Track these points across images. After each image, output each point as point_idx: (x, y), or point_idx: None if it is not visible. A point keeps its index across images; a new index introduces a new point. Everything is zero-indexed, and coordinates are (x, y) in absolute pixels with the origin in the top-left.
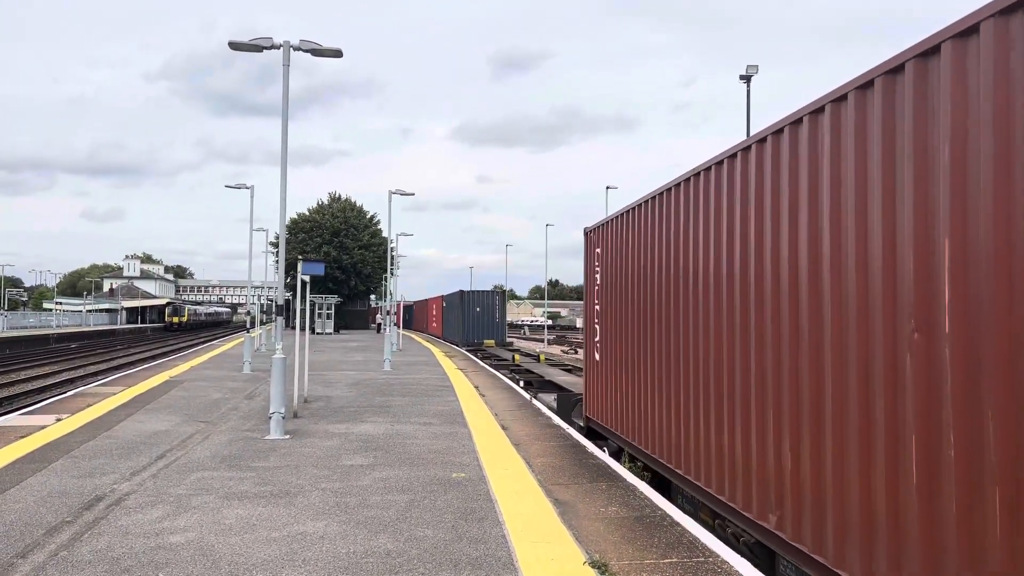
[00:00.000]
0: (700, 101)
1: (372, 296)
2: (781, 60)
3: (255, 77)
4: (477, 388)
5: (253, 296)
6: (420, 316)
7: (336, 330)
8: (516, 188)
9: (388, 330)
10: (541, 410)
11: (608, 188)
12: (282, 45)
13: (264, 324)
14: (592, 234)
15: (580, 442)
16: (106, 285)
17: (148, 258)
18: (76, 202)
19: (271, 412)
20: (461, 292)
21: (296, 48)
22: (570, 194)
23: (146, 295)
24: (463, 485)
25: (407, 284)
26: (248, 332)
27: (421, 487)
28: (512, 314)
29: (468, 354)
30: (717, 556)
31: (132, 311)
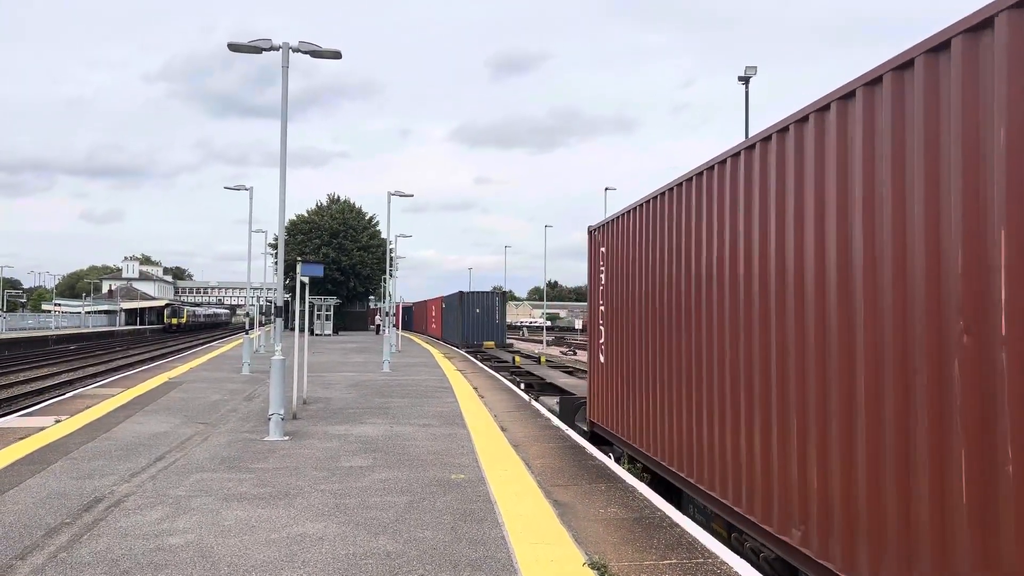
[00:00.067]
0: (699, 102)
1: (371, 297)
2: (780, 61)
3: (254, 78)
4: (476, 389)
5: (252, 297)
6: (419, 317)
7: (335, 331)
8: (515, 189)
9: (387, 331)
10: (540, 411)
11: (607, 189)
12: (281, 47)
13: (263, 325)
14: (597, 233)
15: (579, 443)
16: (105, 286)
17: (147, 259)
18: (75, 203)
19: (270, 413)
20: (460, 293)
21: (295, 50)
22: (569, 195)
23: (145, 296)
24: (462, 486)
25: (406, 285)
26: (247, 333)
27: (420, 488)
28: (511, 315)
29: (467, 356)
30: (716, 557)
31: (131, 312)
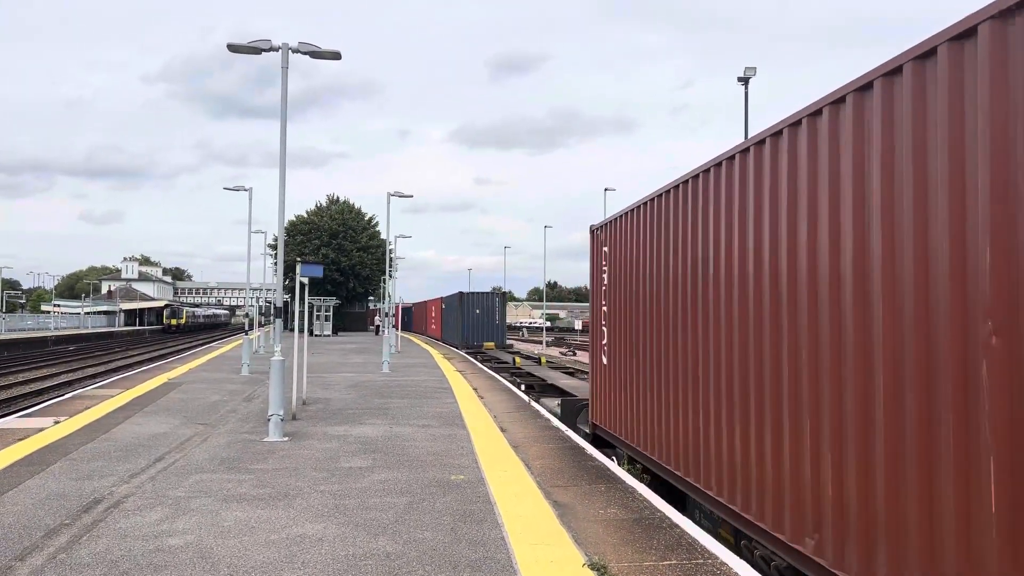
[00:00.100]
0: (698, 103)
1: (371, 298)
2: (780, 62)
3: (254, 79)
4: (476, 390)
5: (251, 298)
6: (419, 318)
7: (334, 332)
8: (514, 190)
9: (386, 332)
10: (540, 412)
11: (606, 190)
12: (280, 47)
13: (263, 326)
14: (599, 232)
15: (579, 444)
16: (104, 287)
17: (146, 260)
18: (74, 204)
19: (270, 414)
20: (460, 294)
21: (295, 50)
22: (568, 196)
23: (144, 297)
24: (462, 487)
25: (405, 286)
26: (246, 334)
27: (420, 489)
28: (510, 316)
29: (467, 356)
30: (716, 558)
31: (130, 313)
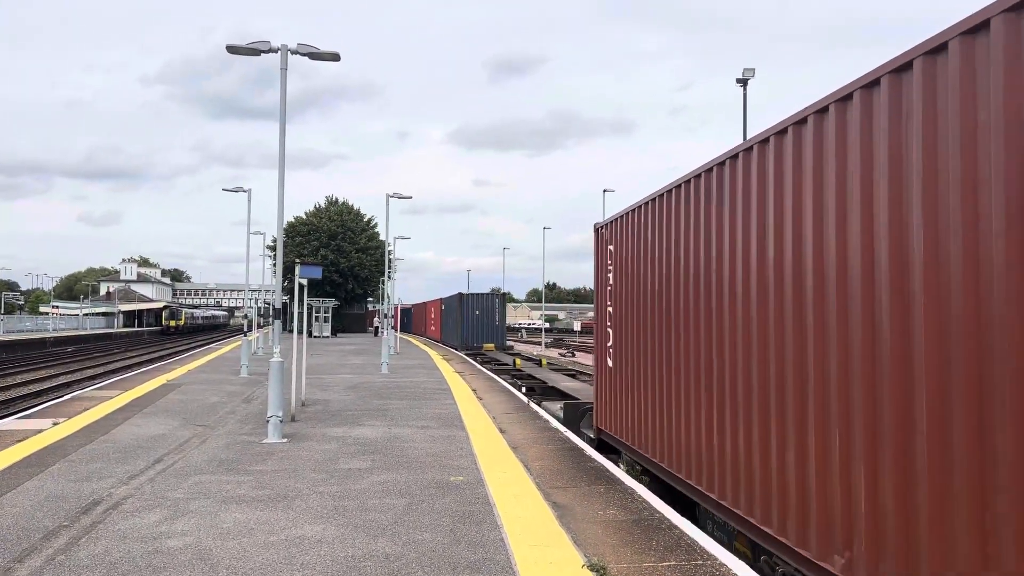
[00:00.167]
0: (697, 104)
1: (370, 299)
2: (779, 62)
3: (253, 80)
4: (475, 392)
5: (250, 299)
6: (418, 319)
7: (333, 333)
8: (513, 191)
9: (385, 333)
10: (539, 414)
11: (605, 191)
12: (280, 49)
13: (261, 327)
14: (604, 230)
15: (578, 445)
16: (103, 288)
17: (145, 261)
18: (73, 205)
19: (269, 416)
20: (460, 295)
21: (294, 52)
22: (567, 197)
23: (143, 298)
24: (461, 488)
25: (404, 287)
26: (245, 335)
27: (419, 490)
28: (510, 317)
29: (467, 358)
30: (715, 559)
31: (129, 315)
